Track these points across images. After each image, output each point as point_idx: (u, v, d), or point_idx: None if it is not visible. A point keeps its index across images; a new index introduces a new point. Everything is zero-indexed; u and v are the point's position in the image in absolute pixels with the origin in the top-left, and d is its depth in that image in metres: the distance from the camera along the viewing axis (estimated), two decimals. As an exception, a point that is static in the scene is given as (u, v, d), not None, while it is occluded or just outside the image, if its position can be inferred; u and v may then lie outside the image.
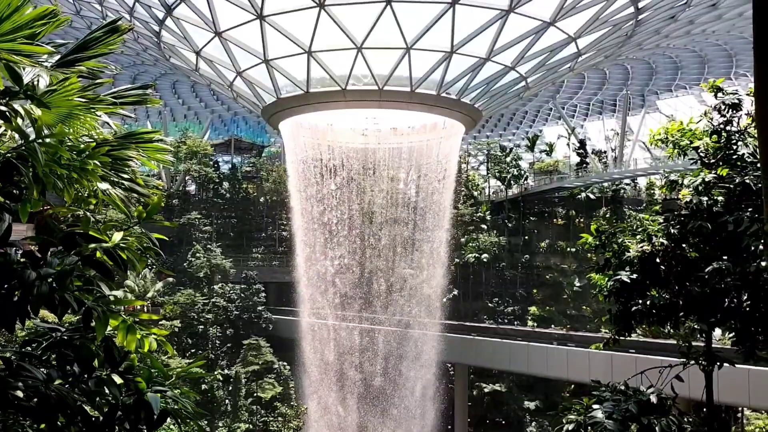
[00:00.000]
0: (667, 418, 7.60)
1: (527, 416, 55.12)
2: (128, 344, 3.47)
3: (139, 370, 3.43)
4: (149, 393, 3.25)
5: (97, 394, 3.24)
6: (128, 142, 4.03)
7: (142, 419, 3.22)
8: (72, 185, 3.53)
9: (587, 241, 9.27)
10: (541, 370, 43.89)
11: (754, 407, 31.36)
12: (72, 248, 3.19)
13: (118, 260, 3.20)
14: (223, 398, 52.27)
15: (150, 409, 3.20)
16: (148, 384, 3.36)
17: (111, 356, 3.34)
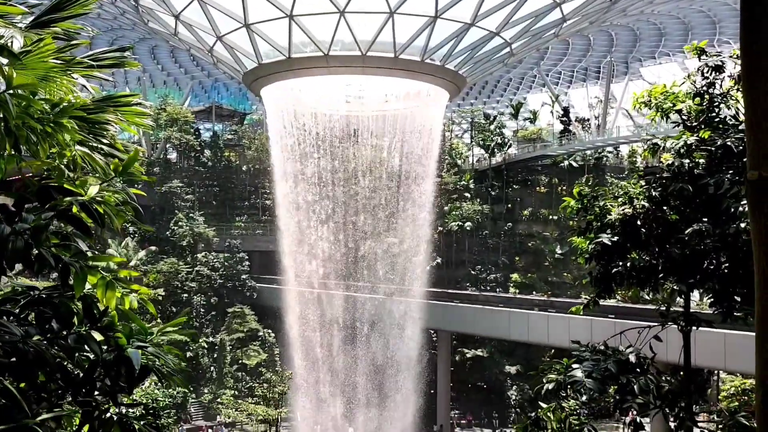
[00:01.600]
0: (646, 377, 7.73)
1: (508, 380, 56.15)
2: (108, 301, 3.43)
3: (120, 327, 3.39)
4: (130, 349, 3.22)
5: (76, 350, 3.21)
6: (106, 105, 3.93)
7: (123, 375, 3.20)
8: (45, 140, 3.44)
9: (569, 205, 9.30)
10: (522, 336, 44.54)
11: (730, 370, 32.15)
12: (47, 202, 3.12)
13: (95, 215, 3.13)
14: (208, 365, 52.57)
15: (131, 365, 3.17)
16: (128, 340, 3.33)
17: (90, 313, 3.30)
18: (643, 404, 7.47)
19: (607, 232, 8.60)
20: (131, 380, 3.25)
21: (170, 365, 3.47)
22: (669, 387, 7.84)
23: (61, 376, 3.29)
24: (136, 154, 3.42)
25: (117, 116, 3.94)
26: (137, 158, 3.43)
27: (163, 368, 3.45)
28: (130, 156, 3.42)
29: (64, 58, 3.70)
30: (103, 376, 3.34)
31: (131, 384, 3.26)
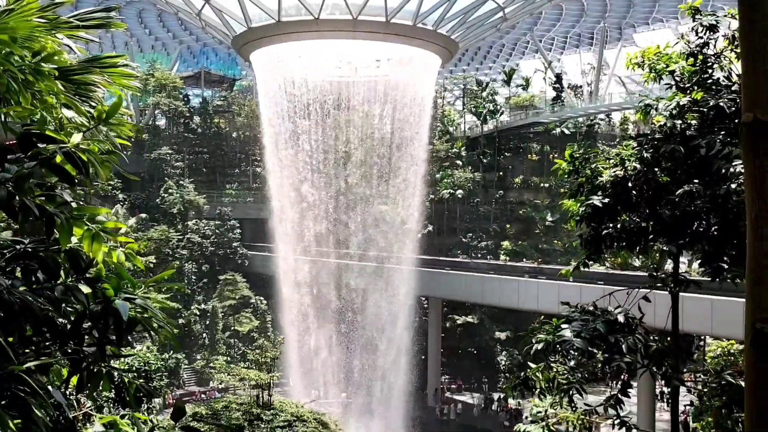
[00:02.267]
0: (634, 337, 7.81)
1: (498, 346, 56.84)
2: (94, 253, 3.38)
3: (107, 279, 3.36)
4: (117, 300, 3.19)
5: (63, 301, 3.17)
6: (92, 66, 3.84)
7: (111, 327, 3.17)
8: (27, 89, 3.35)
9: (561, 168, 9.28)
10: (513, 303, 44.92)
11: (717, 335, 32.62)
12: (30, 150, 3.05)
13: (79, 164, 3.07)
14: (200, 332, 52.90)
15: (119, 317, 3.14)
16: (116, 293, 3.29)
17: (77, 264, 3.26)
18: (630, 363, 7.57)
19: (598, 194, 8.60)
20: (119, 332, 3.22)
21: (159, 318, 3.45)
22: (657, 347, 7.94)
23: (48, 329, 3.26)
24: (120, 102, 3.33)
25: (103, 77, 3.85)
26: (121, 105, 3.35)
27: (152, 321, 3.43)
28: (114, 103, 3.34)
29: (47, 17, 3.59)
30: (90, 328, 3.31)
31: (120, 336, 3.24)
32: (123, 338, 3.25)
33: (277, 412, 20.53)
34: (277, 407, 21.03)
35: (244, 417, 20.14)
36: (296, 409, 21.15)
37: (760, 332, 2.75)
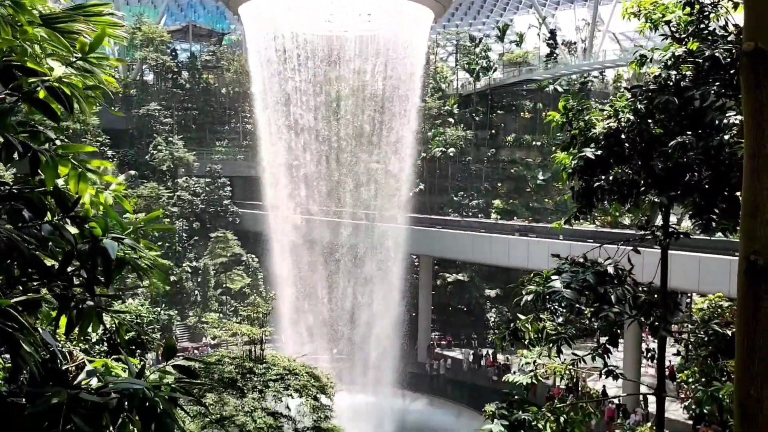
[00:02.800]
0: (623, 288, 7.89)
1: (488, 303, 57.55)
2: (81, 193, 3.33)
3: (95, 219, 3.30)
4: (105, 239, 3.14)
5: (50, 240, 3.12)
6: (77, 14, 3.70)
7: (99, 266, 3.13)
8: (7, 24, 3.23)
9: (554, 119, 9.21)
10: (503, 260, 45.32)
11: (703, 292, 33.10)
12: (10, 83, 2.96)
13: (62, 98, 2.98)
14: (192, 289, 53.12)
15: (107, 256, 3.10)
16: (104, 233, 3.25)
17: (63, 203, 3.20)
18: (619, 314, 7.66)
19: (591, 146, 8.56)
20: (108, 271, 3.19)
21: (149, 258, 3.41)
22: (645, 298, 8.02)
23: (35, 268, 3.22)
24: (103, 35, 3.22)
25: (89, 26, 3.72)
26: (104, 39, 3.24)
27: (141, 261, 3.39)
28: (96, 35, 3.23)
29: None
30: (78, 267, 3.28)
31: (108, 275, 3.20)
32: (111, 278, 3.22)
33: (270, 366, 20.72)
34: (269, 361, 21.23)
35: (237, 370, 20.33)
36: (288, 363, 21.35)
37: (754, 263, 2.76)
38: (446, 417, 42.46)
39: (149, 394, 2.99)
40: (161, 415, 2.98)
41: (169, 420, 2.98)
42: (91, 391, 3.03)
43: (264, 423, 18.63)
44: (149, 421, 2.98)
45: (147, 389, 3.00)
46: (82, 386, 3.04)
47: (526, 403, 9.26)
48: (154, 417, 2.98)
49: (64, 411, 2.80)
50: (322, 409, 20.24)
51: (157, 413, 2.97)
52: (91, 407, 3.00)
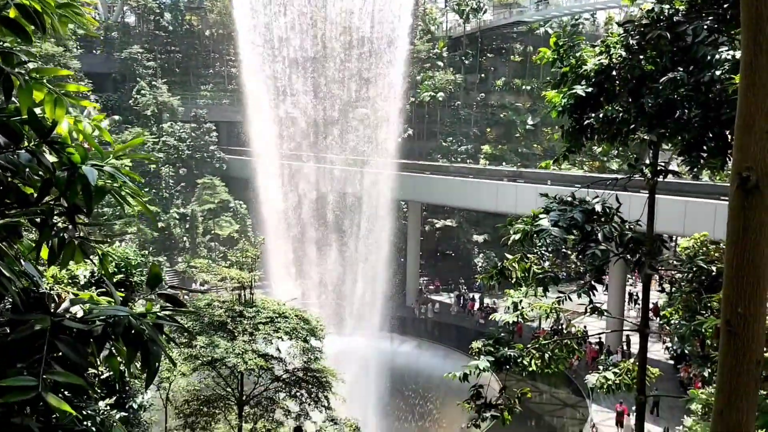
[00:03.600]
0: (610, 225, 7.92)
1: (475, 248, 58.08)
2: (58, 118, 3.21)
3: (73, 146, 3.20)
4: (85, 166, 3.05)
5: (27, 167, 3.03)
6: None
7: (79, 193, 3.05)
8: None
9: (545, 55, 9.05)
10: (491, 206, 45.51)
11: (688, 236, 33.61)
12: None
13: (34, 16, 2.84)
14: (180, 236, 53.08)
15: (87, 183, 3.02)
16: (83, 161, 3.15)
17: (39, 128, 3.09)
18: (605, 251, 7.73)
19: (582, 83, 8.45)
20: (88, 200, 3.11)
21: (130, 187, 3.33)
22: (632, 235, 8.08)
23: (14, 197, 3.14)
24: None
25: None
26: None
27: (122, 189, 3.31)
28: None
29: None
30: (58, 196, 3.19)
31: (89, 204, 3.12)
32: (92, 206, 3.14)
33: (260, 310, 20.88)
34: (259, 305, 21.37)
35: (227, 314, 20.47)
36: (278, 307, 21.52)
37: (746, 180, 2.74)
38: (434, 359, 43.37)
39: (134, 321, 2.97)
40: (147, 343, 2.96)
41: (156, 347, 2.97)
42: (75, 318, 3.00)
43: (255, 364, 18.91)
44: (135, 348, 2.96)
45: (132, 317, 2.97)
46: (66, 315, 3.00)
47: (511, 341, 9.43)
48: (140, 344, 2.96)
49: (47, 337, 2.78)
50: (312, 351, 20.53)
51: (143, 340, 2.95)
52: (75, 335, 2.98)
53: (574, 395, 36.03)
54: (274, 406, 20.51)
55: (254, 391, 20.35)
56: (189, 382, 20.43)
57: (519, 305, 10.28)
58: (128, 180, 3.29)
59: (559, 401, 35.28)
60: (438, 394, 39.94)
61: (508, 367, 8.94)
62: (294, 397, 20.46)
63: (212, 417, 20.54)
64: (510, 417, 9.24)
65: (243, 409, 20.27)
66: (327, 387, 20.34)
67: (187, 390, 20.49)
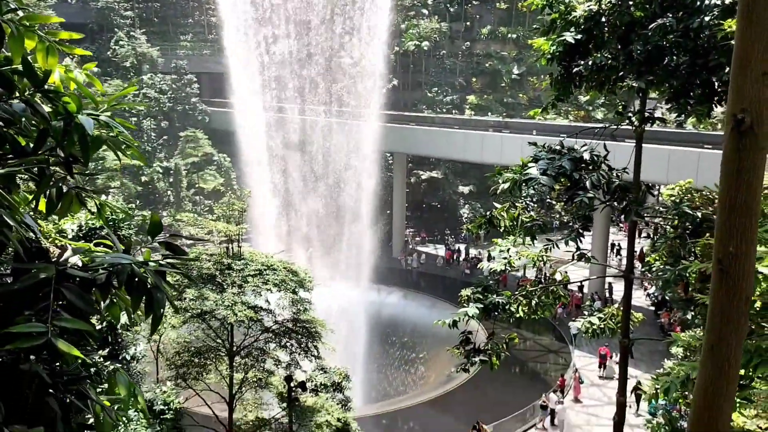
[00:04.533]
0: (598, 173, 8.01)
1: (461, 200, 58.39)
2: (50, 66, 3.18)
3: (68, 95, 3.17)
4: (80, 116, 3.04)
5: (22, 117, 3.00)
6: None
7: (76, 143, 3.04)
8: None
9: (534, 2, 8.95)
10: (477, 157, 45.55)
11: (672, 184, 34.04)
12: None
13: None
14: (164, 189, 52.73)
15: (83, 132, 3.01)
16: (78, 110, 3.13)
17: (33, 77, 3.05)
18: (593, 198, 7.83)
19: (571, 30, 8.40)
20: (85, 149, 3.10)
21: (126, 137, 3.32)
22: (619, 182, 8.18)
23: (9, 147, 3.12)
24: None
25: None
26: None
27: (118, 139, 3.30)
28: None
29: None
30: (54, 146, 3.18)
31: (85, 153, 3.12)
32: (89, 155, 3.14)
33: (248, 262, 20.95)
34: (247, 258, 21.44)
35: (216, 267, 20.54)
36: (266, 260, 21.60)
37: (741, 122, 2.79)
38: (420, 308, 44.04)
39: (137, 269, 3.01)
40: (151, 290, 3.01)
41: (160, 294, 3.02)
42: (78, 267, 3.03)
43: (245, 316, 19.10)
44: (139, 295, 3.01)
45: (135, 264, 3.01)
46: (69, 264, 3.03)
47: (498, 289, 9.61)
48: (144, 292, 3.01)
49: (53, 285, 2.81)
50: (301, 302, 20.73)
51: (147, 288, 3.00)
52: (79, 283, 3.02)
53: (557, 341, 36.93)
54: (264, 356, 20.81)
55: (245, 342, 20.60)
56: (179, 334, 20.62)
57: (507, 253, 10.44)
58: (123, 129, 3.28)
59: (543, 347, 36.17)
60: (425, 341, 40.74)
61: (496, 314, 9.14)
62: (284, 348, 20.76)
63: (203, 368, 20.82)
64: (498, 362, 9.50)
65: (234, 359, 20.56)
66: (316, 337, 20.63)
67: (177, 342, 20.69)
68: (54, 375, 3.05)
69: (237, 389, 20.61)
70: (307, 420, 20.64)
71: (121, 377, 3.56)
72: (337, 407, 21.17)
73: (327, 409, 20.84)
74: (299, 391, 20.73)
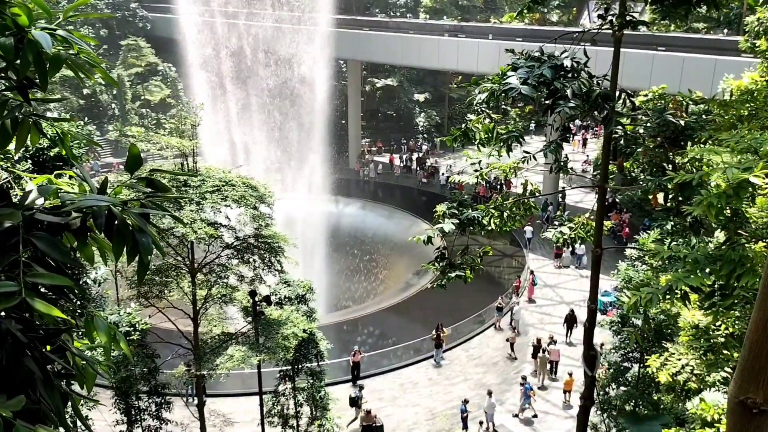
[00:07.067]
0: (579, 82, 7.71)
1: (416, 108, 57.67)
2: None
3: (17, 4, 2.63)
4: (34, 30, 2.53)
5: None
6: None
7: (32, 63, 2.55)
8: None
9: None
10: (433, 63, 44.59)
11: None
12: None
13: None
14: (108, 102, 50.34)
15: (39, 50, 2.51)
16: (30, 23, 2.62)
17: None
18: (575, 108, 7.57)
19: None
20: (42, 70, 2.62)
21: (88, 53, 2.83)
22: (599, 91, 7.92)
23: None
24: None
25: None
26: None
27: (79, 58, 2.81)
28: None
29: None
30: (5, 67, 2.68)
31: (43, 75, 2.64)
32: (47, 78, 2.66)
33: (205, 179, 20.29)
34: (204, 174, 20.75)
35: (171, 183, 19.82)
36: (224, 175, 20.97)
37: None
38: (378, 218, 44.28)
39: (116, 211, 2.62)
40: (135, 234, 2.64)
41: (145, 238, 2.65)
42: (47, 210, 2.63)
43: (204, 233, 18.67)
44: (122, 241, 2.64)
45: (114, 205, 2.62)
46: (35, 206, 2.62)
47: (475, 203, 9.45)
48: (127, 236, 2.63)
49: (21, 234, 2.42)
50: (262, 217, 20.36)
51: (130, 231, 2.63)
52: (48, 228, 2.62)
53: (512, 245, 37.85)
54: (227, 273, 20.60)
55: (206, 258, 20.30)
56: (138, 253, 20.10)
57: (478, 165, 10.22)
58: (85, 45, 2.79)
59: (498, 252, 36.99)
60: (383, 250, 41.24)
61: (471, 228, 9.03)
62: (247, 263, 20.55)
63: (165, 286, 20.50)
64: (472, 276, 9.49)
65: (195, 276, 20.30)
66: (279, 252, 20.45)
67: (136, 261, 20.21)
68: (29, 330, 2.70)
69: (201, 305, 20.49)
70: (273, 332, 20.79)
71: (100, 322, 3.23)
72: (303, 319, 21.35)
73: (293, 320, 21.00)
74: (264, 305, 20.77)
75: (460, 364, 27.17)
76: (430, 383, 25.74)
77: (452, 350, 27.99)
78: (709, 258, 6.35)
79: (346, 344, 27.74)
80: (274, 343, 20.37)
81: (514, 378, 25.44)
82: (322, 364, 21.57)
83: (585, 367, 10.23)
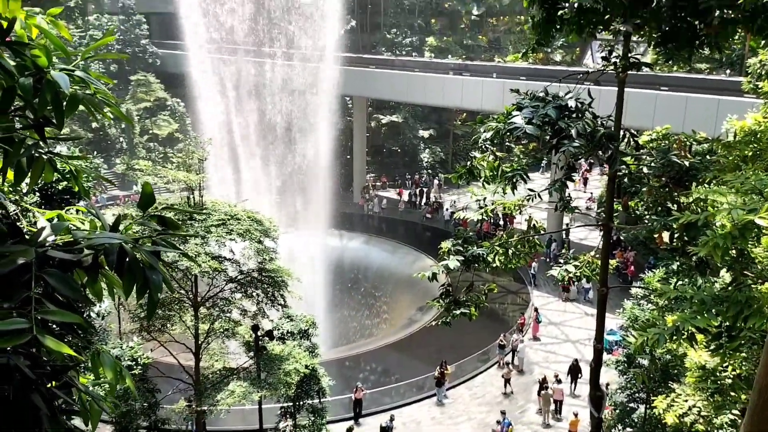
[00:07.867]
0: (583, 122, 7.79)
1: (421, 144, 58.10)
2: (12, 13, 2.70)
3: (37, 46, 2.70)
4: (53, 71, 2.60)
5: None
6: None
7: (49, 103, 2.62)
8: None
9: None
10: (438, 100, 45.07)
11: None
12: None
13: None
14: (116, 136, 50.90)
15: (56, 90, 2.58)
16: (49, 64, 2.69)
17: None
18: (579, 147, 7.64)
19: (556, -29, 8.02)
20: (59, 110, 2.68)
21: (104, 93, 2.90)
22: (604, 131, 7.99)
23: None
24: None
25: None
26: None
27: (96, 98, 2.88)
28: None
29: None
30: (23, 107, 2.74)
31: (60, 115, 2.70)
32: (64, 117, 2.72)
33: (211, 212, 20.42)
34: (210, 208, 20.88)
35: (177, 217, 19.90)
36: (229, 209, 21.12)
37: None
38: (382, 253, 44.21)
39: (128, 248, 2.65)
40: (145, 272, 2.67)
41: (155, 276, 2.68)
42: (59, 247, 2.66)
43: (209, 267, 18.69)
44: (132, 278, 2.66)
45: (126, 243, 2.65)
46: (47, 243, 2.65)
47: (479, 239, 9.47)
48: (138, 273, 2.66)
49: (33, 271, 2.45)
50: (267, 251, 20.40)
51: (141, 269, 2.65)
52: (59, 265, 2.65)
53: (516, 282, 37.66)
54: (230, 307, 20.56)
55: (209, 292, 20.27)
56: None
57: (483, 203, 10.27)
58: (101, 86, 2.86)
59: (503, 288, 36.80)
60: (387, 285, 41.06)
61: (476, 265, 9.03)
62: (250, 297, 20.52)
63: (168, 319, 20.45)
64: (476, 313, 9.45)
65: (198, 310, 20.24)
66: (283, 286, 20.43)
67: (140, 294, 20.18)
68: (36, 366, 2.71)
69: (203, 339, 20.38)
70: (275, 368, 20.61)
71: (107, 358, 3.24)
72: (305, 354, 21.18)
73: (294, 356, 20.82)
74: (266, 339, 20.65)
75: (464, 402, 26.80)
76: (433, 422, 25.36)
77: (455, 388, 27.64)
78: (716, 299, 6.33)
79: (348, 381, 27.42)
80: (276, 378, 20.19)
81: (518, 417, 25.07)
82: (324, 401, 21.32)
83: (591, 408, 10.10)
